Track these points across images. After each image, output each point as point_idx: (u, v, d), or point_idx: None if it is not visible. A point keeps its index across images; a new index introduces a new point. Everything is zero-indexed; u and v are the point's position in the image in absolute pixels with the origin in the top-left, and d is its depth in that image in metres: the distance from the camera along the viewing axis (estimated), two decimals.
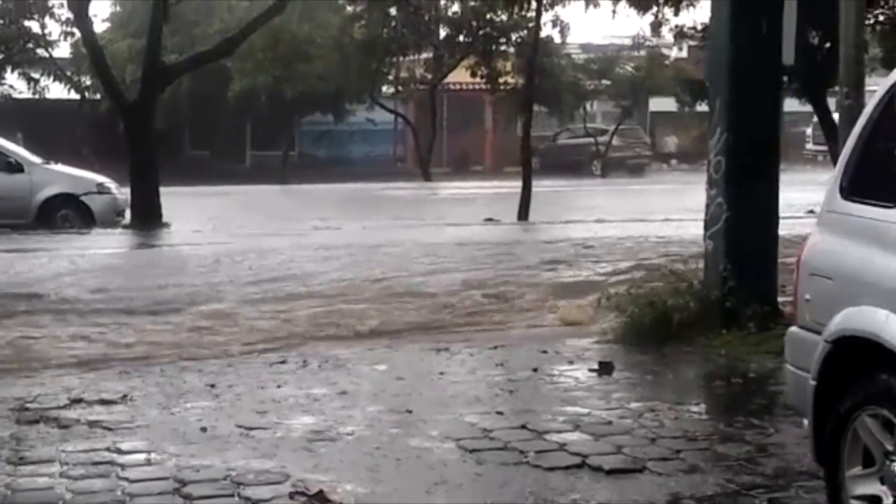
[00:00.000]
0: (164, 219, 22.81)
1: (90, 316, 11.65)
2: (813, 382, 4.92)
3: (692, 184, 31.55)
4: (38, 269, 15.22)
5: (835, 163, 15.13)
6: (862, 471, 4.76)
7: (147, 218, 22.41)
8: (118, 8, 43.41)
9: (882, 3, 19.55)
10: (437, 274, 14.33)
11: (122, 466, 6.26)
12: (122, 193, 22.86)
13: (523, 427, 7.00)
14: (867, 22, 16.99)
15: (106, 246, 18.88)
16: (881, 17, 19.81)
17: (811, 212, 22.01)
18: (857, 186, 5.04)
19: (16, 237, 19.64)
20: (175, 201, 24.17)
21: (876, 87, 5.20)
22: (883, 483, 4.66)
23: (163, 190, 23.35)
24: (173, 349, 10.00)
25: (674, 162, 50.53)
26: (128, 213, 22.81)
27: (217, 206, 27.70)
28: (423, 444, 6.66)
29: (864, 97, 10.04)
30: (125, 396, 7.82)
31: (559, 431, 6.89)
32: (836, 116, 12.87)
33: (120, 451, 6.52)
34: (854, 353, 4.71)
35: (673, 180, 40.15)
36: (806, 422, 5.09)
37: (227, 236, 20.10)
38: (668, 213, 24.00)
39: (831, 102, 19.19)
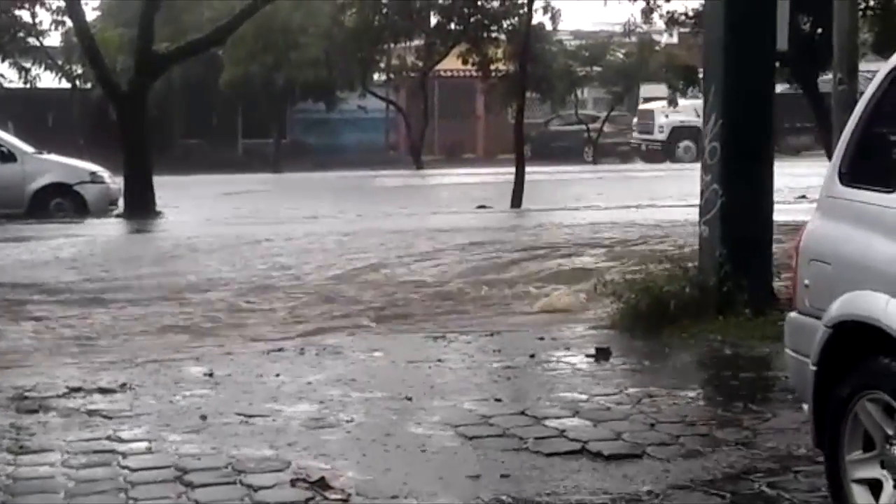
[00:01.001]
0: (158, 207, 22.81)
1: (86, 305, 11.67)
2: (813, 367, 4.94)
3: (683, 169, 31.62)
4: (30, 258, 15.23)
5: (825, 150, 15.12)
6: (862, 455, 4.79)
7: (140, 207, 22.42)
8: None
9: None
10: (431, 262, 14.35)
11: (123, 455, 6.28)
12: (115, 182, 22.86)
13: (522, 413, 7.02)
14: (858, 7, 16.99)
15: (99, 234, 18.88)
16: (871, 2, 19.83)
17: (802, 197, 22.13)
18: (856, 171, 5.06)
19: (8, 226, 19.63)
20: (168, 190, 24.17)
21: (867, 71, 5.22)
22: (883, 467, 4.69)
23: (155, 179, 23.34)
24: (169, 338, 10.02)
25: None
26: (121, 202, 22.80)
27: (209, 195, 27.69)
28: (423, 431, 6.68)
29: (857, 82, 10.07)
30: (124, 385, 7.83)
31: (558, 417, 6.91)
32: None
33: (120, 440, 6.54)
34: (854, 337, 4.73)
35: (664, 167, 40.20)
36: (806, 406, 5.11)
37: (220, 225, 20.11)
38: (661, 199, 24.03)
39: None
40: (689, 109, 43.78)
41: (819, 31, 18.39)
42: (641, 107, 46.49)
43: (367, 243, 16.15)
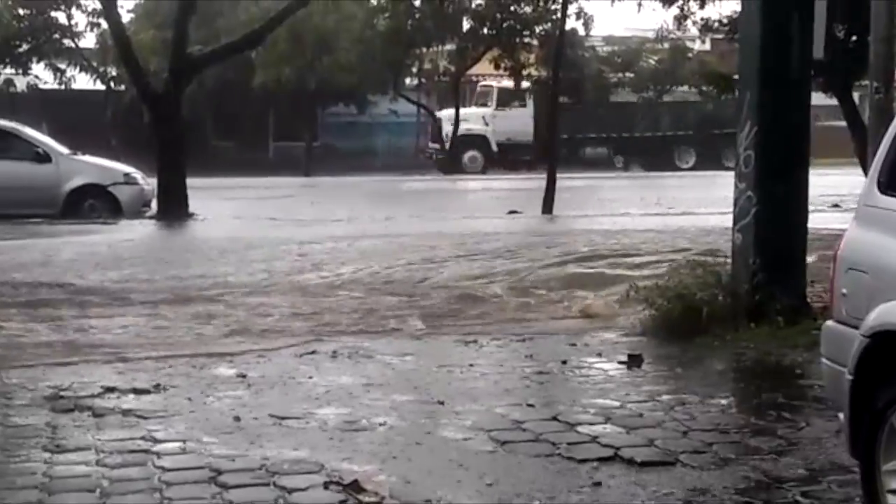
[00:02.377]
0: (191, 209, 22.91)
1: (119, 305, 11.74)
2: (850, 376, 4.93)
3: (714, 176, 31.51)
4: (64, 258, 15.33)
5: (861, 159, 15.02)
6: None
7: (174, 208, 22.53)
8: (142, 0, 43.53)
9: None
10: (461, 266, 14.34)
11: (158, 455, 6.32)
12: (149, 184, 22.96)
13: (554, 419, 7.03)
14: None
15: (133, 235, 18.99)
16: None
17: (836, 205, 22.02)
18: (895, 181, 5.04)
19: (44, 227, 19.77)
20: (200, 192, 24.28)
21: None
22: None
23: (188, 181, 23.44)
24: (202, 339, 10.07)
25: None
26: (154, 204, 22.92)
27: (241, 198, 27.81)
28: (456, 436, 6.70)
29: (893, 91, 10.03)
30: (158, 385, 7.88)
31: (590, 423, 6.91)
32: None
33: (155, 440, 6.58)
34: (892, 347, 4.71)
35: (693, 174, 40.07)
36: (841, 415, 5.10)
37: (254, 227, 20.19)
38: (691, 206, 23.97)
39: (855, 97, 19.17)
40: (476, 118, 43.23)
41: (854, 38, 18.31)
42: (438, 112, 44.39)
43: (399, 247, 16.17)
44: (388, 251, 15.77)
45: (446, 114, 42.92)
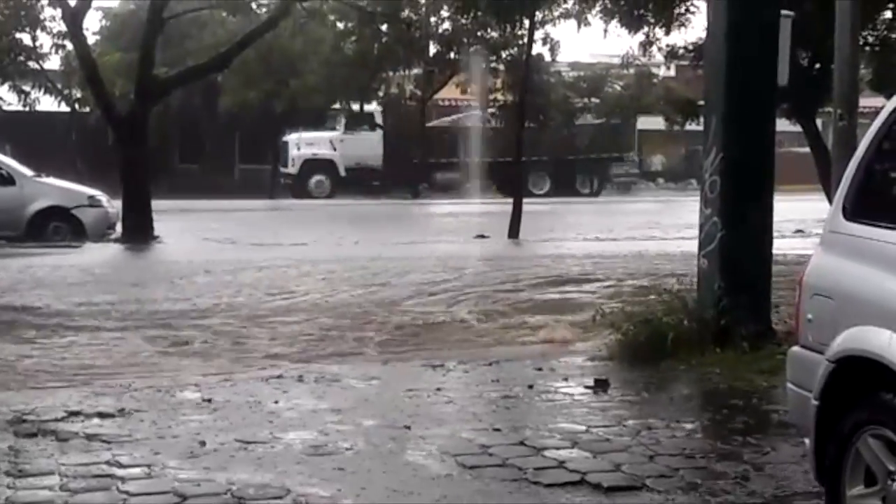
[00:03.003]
0: (155, 232, 22.81)
1: (83, 329, 11.66)
2: (815, 402, 4.95)
3: (680, 202, 31.72)
4: (26, 280, 15.22)
5: (824, 185, 15.11)
6: (864, 490, 4.79)
7: (138, 231, 22.43)
8: (108, 22, 43.41)
9: (871, 24, 19.66)
10: (429, 290, 14.38)
11: (122, 480, 6.25)
12: (113, 207, 22.87)
13: (521, 443, 7.02)
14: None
15: (96, 259, 18.87)
16: (870, 39, 19.92)
17: (799, 231, 22.19)
18: (860, 207, 5.08)
19: (7, 249, 19.62)
20: (165, 215, 24.18)
21: (868, 108, 5.26)
22: (885, 503, 4.69)
23: (153, 203, 23.34)
24: (167, 363, 10.01)
25: (660, 180, 50.71)
26: (119, 227, 22.81)
27: (206, 220, 27.70)
28: (422, 460, 6.68)
29: (856, 118, 10.11)
30: (122, 410, 7.81)
31: (557, 448, 6.91)
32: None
33: (119, 465, 6.52)
34: (857, 373, 4.74)
35: (660, 198, 40.29)
36: (807, 440, 5.11)
37: (217, 251, 20.12)
38: (658, 231, 24.09)
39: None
40: (324, 142, 42.76)
41: (818, 66, 18.48)
42: (285, 136, 43.54)
43: (365, 271, 16.17)
44: (354, 275, 15.76)
45: (294, 137, 42.57)
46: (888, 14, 19.95)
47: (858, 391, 4.75)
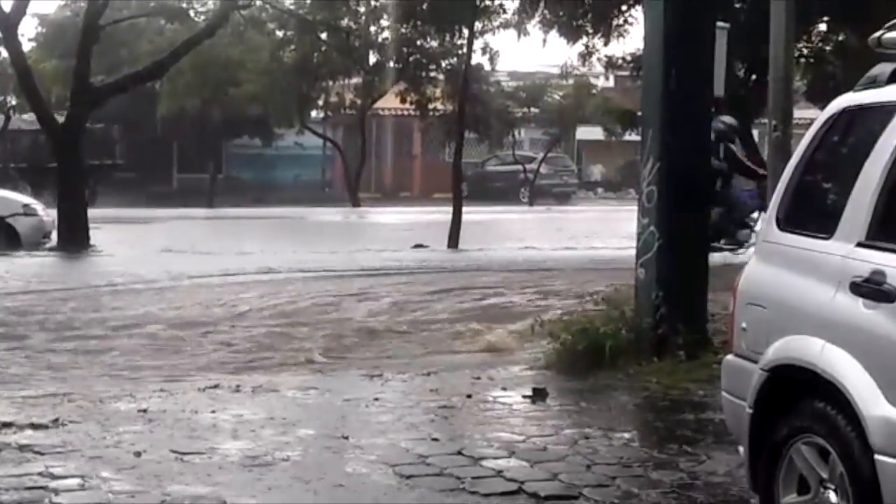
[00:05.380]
0: (91, 241, 22.60)
1: (14, 339, 11.53)
2: (749, 410, 4.99)
3: (618, 211, 31.91)
4: None
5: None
6: (797, 498, 4.83)
7: (74, 240, 22.21)
8: (44, 28, 42.95)
9: (806, 36, 19.95)
10: (366, 300, 14.33)
11: (56, 492, 6.17)
12: (49, 215, 22.63)
13: (459, 453, 7.01)
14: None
15: (30, 267, 18.65)
16: (805, 51, 20.20)
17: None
18: (793, 217, 5.14)
19: None
20: (101, 224, 23.96)
21: (803, 119, 5.32)
22: None
23: (89, 212, 23.13)
24: (101, 373, 9.91)
25: (600, 190, 51.08)
26: (54, 235, 22.56)
27: (142, 229, 27.48)
28: (360, 470, 6.65)
29: (791, 129, 10.22)
30: (56, 421, 7.70)
31: (495, 457, 6.91)
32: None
33: (53, 476, 6.43)
34: (790, 381, 4.79)
35: (599, 208, 40.53)
36: (742, 449, 5.16)
37: (153, 260, 19.95)
38: (596, 240, 24.23)
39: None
40: None
41: (753, 77, 18.71)
42: None
43: (302, 281, 16.09)
44: (291, 286, 15.69)
45: None
46: (822, 27, 20.25)
47: (791, 400, 4.80)
